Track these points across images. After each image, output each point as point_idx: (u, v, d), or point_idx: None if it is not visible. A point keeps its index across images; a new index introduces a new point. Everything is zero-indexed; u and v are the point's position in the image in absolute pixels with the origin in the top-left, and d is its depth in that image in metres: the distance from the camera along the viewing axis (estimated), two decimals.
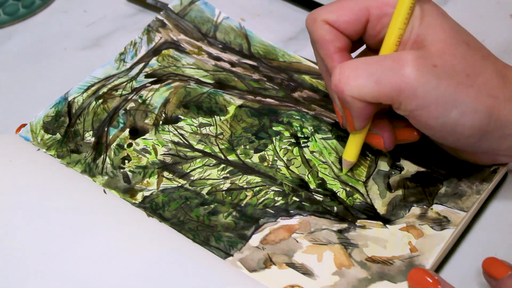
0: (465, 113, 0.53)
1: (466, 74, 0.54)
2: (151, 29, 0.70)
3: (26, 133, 0.64)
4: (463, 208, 0.58)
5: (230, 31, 0.70)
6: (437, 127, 0.54)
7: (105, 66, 0.68)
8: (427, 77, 0.53)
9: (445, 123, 0.54)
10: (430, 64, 0.53)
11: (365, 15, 0.57)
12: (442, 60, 0.53)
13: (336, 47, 0.58)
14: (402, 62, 0.53)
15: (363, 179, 0.61)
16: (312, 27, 0.58)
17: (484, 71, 0.54)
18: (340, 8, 0.58)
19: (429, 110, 0.53)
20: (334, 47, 0.58)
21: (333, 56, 0.58)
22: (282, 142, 0.63)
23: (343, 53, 0.58)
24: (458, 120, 0.54)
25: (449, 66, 0.53)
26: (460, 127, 0.54)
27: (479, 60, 0.55)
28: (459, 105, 0.53)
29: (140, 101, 0.66)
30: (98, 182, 0.61)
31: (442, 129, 0.54)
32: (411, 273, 0.54)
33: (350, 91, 0.54)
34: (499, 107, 0.54)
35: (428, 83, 0.53)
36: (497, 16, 0.73)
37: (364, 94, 0.54)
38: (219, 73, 0.68)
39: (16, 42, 0.74)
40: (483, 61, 0.55)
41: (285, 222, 0.59)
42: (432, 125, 0.54)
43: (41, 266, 0.55)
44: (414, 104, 0.53)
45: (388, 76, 0.53)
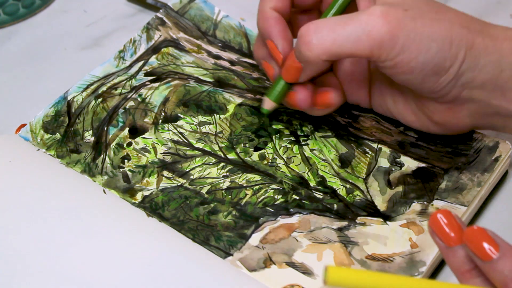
0: (443, 44, 0.55)
1: (436, 11, 0.56)
2: (151, 27, 0.70)
3: (25, 133, 0.64)
4: (464, 203, 0.58)
5: (230, 30, 0.70)
6: (418, 67, 0.56)
7: (104, 64, 0.67)
8: (403, 21, 0.55)
9: (426, 60, 0.55)
10: (401, 10, 0.55)
11: None
12: (409, 5, 0.56)
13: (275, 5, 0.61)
14: (375, 15, 0.55)
15: (363, 176, 0.61)
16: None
17: (450, 10, 0.57)
18: None
19: (410, 51, 0.55)
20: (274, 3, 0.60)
21: (269, 11, 0.61)
22: (282, 140, 0.63)
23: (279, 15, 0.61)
24: (437, 53, 0.55)
25: (417, 7, 0.56)
26: (441, 60, 0.55)
27: (441, 4, 0.58)
28: (436, 38, 0.55)
29: (140, 99, 0.65)
30: (98, 182, 0.61)
31: (423, 67, 0.56)
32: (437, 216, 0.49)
33: (326, 50, 0.56)
34: (472, 36, 0.56)
35: (405, 26, 0.55)
36: (497, 16, 0.73)
37: (341, 52, 0.56)
38: (218, 72, 0.68)
39: (16, 42, 0.74)
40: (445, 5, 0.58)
41: (285, 220, 0.59)
42: (413, 66, 0.56)
43: (41, 266, 0.55)
44: (395, 51, 0.55)
45: (367, 32, 0.55)
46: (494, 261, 0.45)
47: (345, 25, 0.56)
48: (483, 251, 0.46)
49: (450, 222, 0.48)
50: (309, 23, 0.56)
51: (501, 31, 0.57)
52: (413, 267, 0.55)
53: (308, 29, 0.56)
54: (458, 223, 0.48)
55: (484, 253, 0.46)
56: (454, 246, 0.47)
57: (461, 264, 0.47)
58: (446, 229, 0.48)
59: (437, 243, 0.48)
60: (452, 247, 0.47)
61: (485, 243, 0.46)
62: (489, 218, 0.60)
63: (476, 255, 0.46)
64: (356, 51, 0.55)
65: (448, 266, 0.48)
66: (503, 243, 0.46)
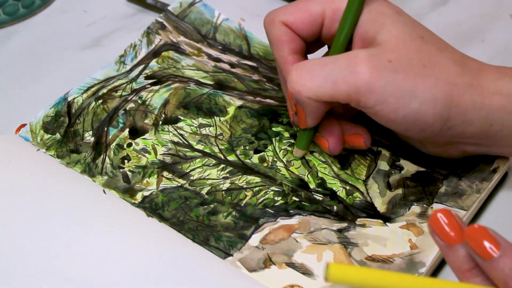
0: (424, 102, 0.54)
1: (423, 65, 0.55)
2: (151, 31, 0.70)
3: (25, 133, 0.64)
4: (463, 207, 0.58)
5: (230, 33, 0.70)
6: (399, 120, 0.55)
7: (105, 68, 0.67)
8: (382, 72, 0.54)
9: (406, 114, 0.54)
10: (385, 59, 0.54)
11: (321, 18, 0.59)
12: (397, 55, 0.55)
13: (291, 49, 0.59)
14: (356, 60, 0.54)
15: (363, 178, 0.61)
16: (269, 27, 0.60)
17: (441, 61, 0.55)
18: (298, 10, 0.59)
19: (388, 104, 0.54)
20: (289, 48, 0.59)
21: (288, 57, 0.59)
22: (281, 143, 0.63)
23: (297, 56, 0.59)
24: (418, 110, 0.54)
25: (405, 59, 0.55)
26: (422, 117, 0.55)
27: (435, 51, 0.56)
28: (418, 95, 0.54)
29: (140, 101, 0.66)
30: (98, 182, 0.61)
31: (404, 120, 0.55)
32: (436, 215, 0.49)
33: (307, 92, 0.55)
34: (458, 93, 0.55)
35: (384, 77, 0.54)
36: (497, 16, 0.73)
37: (321, 95, 0.55)
38: (218, 74, 0.68)
39: (16, 42, 0.74)
40: (440, 52, 0.56)
41: (284, 222, 0.59)
42: (393, 118, 0.55)
43: (41, 266, 0.55)
44: (372, 100, 0.54)
45: (344, 76, 0.54)
46: (495, 260, 0.45)
47: (324, 66, 0.55)
48: (484, 250, 0.46)
49: (450, 221, 0.48)
50: (295, 64, 0.56)
51: (492, 81, 0.55)
52: (412, 268, 0.55)
53: (291, 70, 0.56)
54: (458, 222, 0.48)
55: (485, 251, 0.46)
56: (454, 245, 0.47)
57: (462, 263, 0.47)
58: (446, 228, 0.48)
59: (437, 243, 0.48)
60: (452, 246, 0.48)
61: (486, 241, 0.46)
62: (488, 218, 0.60)
63: (477, 254, 0.46)
64: (334, 95, 0.55)
65: (449, 265, 0.48)
66: (504, 241, 0.46)
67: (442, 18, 0.73)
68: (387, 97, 0.54)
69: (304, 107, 0.56)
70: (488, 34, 0.71)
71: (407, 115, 0.54)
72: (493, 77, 0.56)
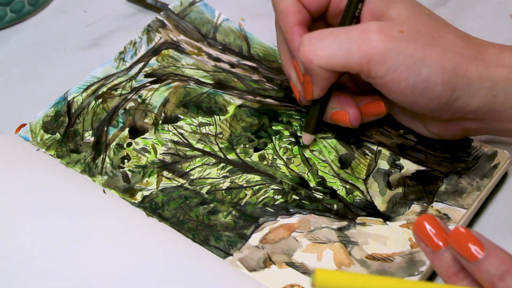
0: (434, 70, 0.56)
1: (432, 36, 0.56)
2: (151, 29, 0.70)
3: (25, 133, 0.64)
4: (463, 206, 0.58)
5: (230, 33, 0.70)
6: (409, 89, 0.56)
7: (105, 65, 0.67)
8: (395, 41, 0.55)
9: (416, 83, 0.56)
10: (397, 30, 0.56)
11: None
12: (408, 26, 0.56)
13: (297, 20, 0.60)
14: (369, 30, 0.56)
15: (363, 177, 0.61)
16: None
17: (448, 35, 0.57)
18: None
19: (399, 72, 0.55)
20: (296, 19, 0.60)
21: (294, 28, 0.60)
22: (281, 141, 0.63)
23: (302, 27, 0.60)
24: (428, 77, 0.56)
25: (415, 30, 0.56)
26: (431, 85, 0.56)
27: (442, 26, 0.58)
28: (428, 64, 0.55)
29: (140, 100, 0.66)
30: (98, 181, 0.61)
31: (413, 90, 0.56)
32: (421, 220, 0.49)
33: (319, 61, 0.56)
34: (465, 64, 0.56)
35: (396, 47, 0.55)
36: (497, 16, 0.73)
37: (333, 63, 0.56)
38: (218, 74, 0.68)
39: (16, 42, 0.74)
40: (446, 27, 0.58)
41: (284, 220, 0.59)
42: (403, 88, 0.56)
43: (41, 266, 0.55)
44: (384, 69, 0.55)
45: (357, 45, 0.55)
46: (480, 261, 0.46)
47: (337, 36, 0.56)
48: (469, 252, 0.46)
49: (435, 226, 0.48)
50: (306, 34, 0.57)
51: (495, 54, 0.57)
52: (413, 266, 0.55)
53: (303, 39, 0.57)
54: (442, 227, 0.48)
55: (469, 253, 0.46)
56: (439, 250, 0.48)
57: (447, 267, 0.47)
58: (431, 234, 0.48)
59: (423, 249, 0.48)
60: (437, 251, 0.48)
61: (470, 243, 0.46)
62: (488, 219, 0.60)
63: (462, 256, 0.46)
64: (346, 64, 0.56)
65: (435, 270, 0.49)
66: (488, 243, 0.46)
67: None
68: (399, 66, 0.55)
69: (314, 76, 0.57)
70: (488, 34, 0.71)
71: (417, 83, 0.56)
72: (495, 51, 0.57)
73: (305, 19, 0.61)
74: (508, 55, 0.57)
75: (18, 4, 0.74)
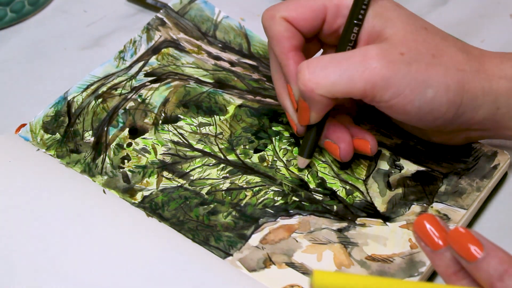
0: (439, 91, 0.55)
1: (432, 55, 0.56)
2: (151, 27, 0.70)
3: (25, 133, 0.64)
4: (463, 206, 0.58)
5: (230, 31, 0.70)
6: (415, 111, 0.56)
7: (104, 65, 0.67)
8: (397, 65, 0.55)
9: (421, 104, 0.55)
10: (397, 53, 0.55)
11: (323, 13, 0.59)
12: (407, 47, 0.56)
13: (292, 45, 0.59)
14: (370, 56, 0.55)
15: (363, 177, 0.61)
16: (270, 23, 0.59)
17: (447, 50, 0.57)
18: (299, 6, 0.59)
19: (404, 95, 0.55)
20: (290, 44, 0.59)
21: (288, 54, 0.59)
22: (281, 142, 0.63)
23: (297, 52, 0.59)
24: (433, 98, 0.55)
25: (414, 50, 0.56)
26: (437, 105, 0.56)
27: (440, 40, 0.57)
28: (432, 84, 0.55)
29: (140, 100, 0.66)
30: (98, 182, 0.61)
31: (419, 111, 0.56)
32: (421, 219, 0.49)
33: (321, 90, 0.55)
34: (468, 79, 0.56)
35: (399, 71, 0.55)
36: (497, 16, 0.73)
37: (335, 92, 0.55)
38: (218, 73, 0.68)
39: (16, 42, 0.74)
40: (444, 41, 0.57)
41: (284, 221, 0.59)
42: (409, 110, 0.56)
43: (41, 266, 0.55)
44: (389, 94, 0.55)
45: (360, 72, 0.55)
46: (479, 261, 0.46)
47: (338, 63, 0.55)
48: (468, 252, 0.46)
49: (435, 226, 0.48)
50: (305, 61, 0.56)
51: (496, 65, 0.57)
52: (412, 267, 0.56)
53: (302, 68, 0.56)
54: (442, 226, 0.48)
55: (469, 253, 0.46)
56: (439, 249, 0.48)
57: (447, 266, 0.47)
58: (431, 233, 0.48)
59: (423, 248, 0.48)
60: (437, 250, 0.48)
61: (469, 243, 0.46)
62: (488, 219, 0.60)
63: (461, 256, 0.46)
64: (350, 91, 0.55)
65: (435, 269, 0.49)
66: (487, 242, 0.46)
67: (442, 18, 0.73)
68: (403, 90, 0.55)
69: (312, 104, 0.57)
70: (488, 34, 0.71)
71: (422, 105, 0.55)
72: (496, 62, 0.57)
73: (299, 43, 0.59)
74: (510, 66, 0.57)
75: (18, 4, 0.74)
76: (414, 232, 0.48)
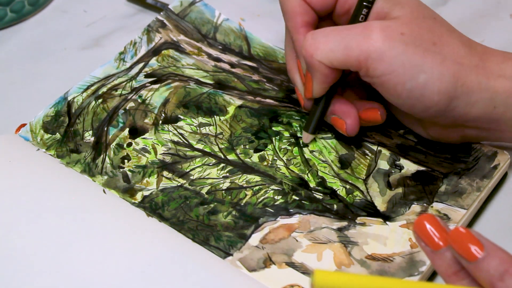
0: (432, 78, 0.56)
1: (433, 43, 0.56)
2: (151, 29, 0.70)
3: (25, 133, 0.64)
4: (463, 206, 0.58)
5: (230, 33, 0.70)
6: (405, 93, 0.56)
7: (105, 66, 0.68)
8: (394, 42, 0.55)
9: (412, 88, 0.56)
10: (398, 31, 0.56)
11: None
12: (409, 29, 0.56)
13: (304, 21, 0.61)
14: (371, 28, 0.56)
15: (363, 177, 0.61)
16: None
17: (450, 42, 0.57)
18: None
19: (396, 74, 0.56)
20: (302, 20, 0.61)
21: (300, 29, 0.61)
22: (281, 142, 0.63)
23: (309, 28, 0.61)
24: (425, 85, 0.56)
25: (416, 34, 0.56)
26: (428, 92, 0.56)
27: (445, 32, 0.57)
28: (426, 70, 0.56)
29: (140, 100, 0.66)
30: (98, 181, 0.61)
31: (410, 95, 0.56)
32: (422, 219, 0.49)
33: (320, 55, 0.57)
34: (465, 73, 0.56)
35: (395, 48, 0.55)
36: (497, 16, 0.73)
37: (333, 58, 0.57)
38: (218, 74, 0.68)
39: (16, 42, 0.74)
40: (449, 33, 0.58)
41: (284, 221, 0.59)
42: (400, 91, 0.56)
43: (41, 266, 0.55)
44: (381, 69, 0.56)
45: (357, 41, 0.56)
46: (479, 261, 0.45)
47: (339, 32, 0.57)
48: (468, 252, 0.46)
49: (435, 226, 0.48)
50: (311, 31, 0.58)
51: (497, 64, 0.57)
52: (413, 267, 0.55)
53: (307, 35, 0.58)
54: (442, 226, 0.48)
55: (469, 253, 0.46)
56: (439, 249, 0.48)
57: (448, 267, 0.47)
58: (431, 233, 0.48)
59: (423, 248, 0.48)
60: (438, 250, 0.48)
61: (470, 243, 0.46)
62: (488, 219, 0.60)
63: (462, 256, 0.46)
64: (346, 59, 0.56)
65: (435, 269, 0.48)
66: (487, 242, 0.46)
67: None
68: (396, 68, 0.55)
69: (314, 72, 0.58)
70: (488, 34, 0.71)
71: (413, 88, 0.56)
72: (498, 60, 0.57)
73: (311, 20, 0.61)
74: (510, 65, 0.57)
75: (18, 4, 0.74)
76: (414, 232, 0.48)
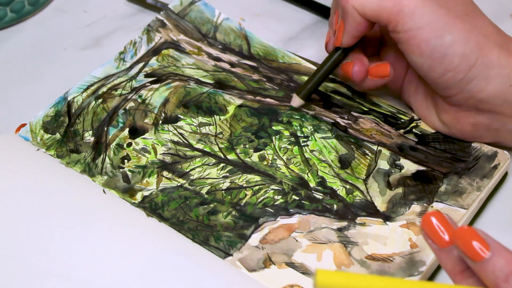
0: (457, 41, 0.57)
1: (466, 13, 0.58)
2: (151, 29, 0.70)
3: (25, 133, 0.64)
4: (463, 206, 0.58)
5: (230, 32, 0.70)
6: (428, 51, 0.58)
7: (105, 65, 0.68)
8: (429, 1, 0.57)
9: (437, 46, 0.57)
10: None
11: None
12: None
13: None
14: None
15: (363, 177, 0.61)
16: None
17: (482, 18, 0.59)
18: None
19: (423, 31, 0.57)
20: None
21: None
22: (281, 141, 0.63)
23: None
24: (449, 45, 0.57)
25: (452, 3, 0.58)
26: (450, 53, 0.57)
27: (480, 14, 0.60)
28: (453, 32, 0.57)
29: (140, 100, 0.66)
30: (98, 182, 0.61)
31: (432, 54, 0.57)
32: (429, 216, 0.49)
33: (355, 1, 0.58)
34: (489, 46, 0.58)
35: (428, 6, 0.57)
36: (497, 16, 0.73)
37: (367, 7, 0.58)
38: (218, 74, 0.68)
39: (16, 42, 0.74)
40: (484, 17, 0.60)
41: (284, 221, 0.59)
42: (423, 48, 0.58)
43: (41, 266, 0.55)
44: (410, 24, 0.57)
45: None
46: (484, 261, 0.45)
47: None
48: (474, 251, 0.46)
49: (442, 223, 0.48)
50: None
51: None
52: (413, 267, 0.55)
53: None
54: (450, 224, 0.48)
55: (474, 253, 0.46)
56: (446, 247, 0.47)
57: (454, 265, 0.47)
58: (438, 230, 0.48)
59: (430, 245, 0.48)
60: (444, 248, 0.47)
61: (475, 242, 0.46)
62: (488, 219, 0.60)
63: (467, 256, 0.46)
64: (378, 10, 0.58)
65: (442, 267, 0.48)
66: (493, 242, 0.46)
67: None
68: (425, 24, 0.57)
69: (346, 19, 0.59)
70: None
71: (437, 47, 0.57)
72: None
73: None
74: None
75: (18, 4, 0.74)
76: (421, 229, 0.48)
